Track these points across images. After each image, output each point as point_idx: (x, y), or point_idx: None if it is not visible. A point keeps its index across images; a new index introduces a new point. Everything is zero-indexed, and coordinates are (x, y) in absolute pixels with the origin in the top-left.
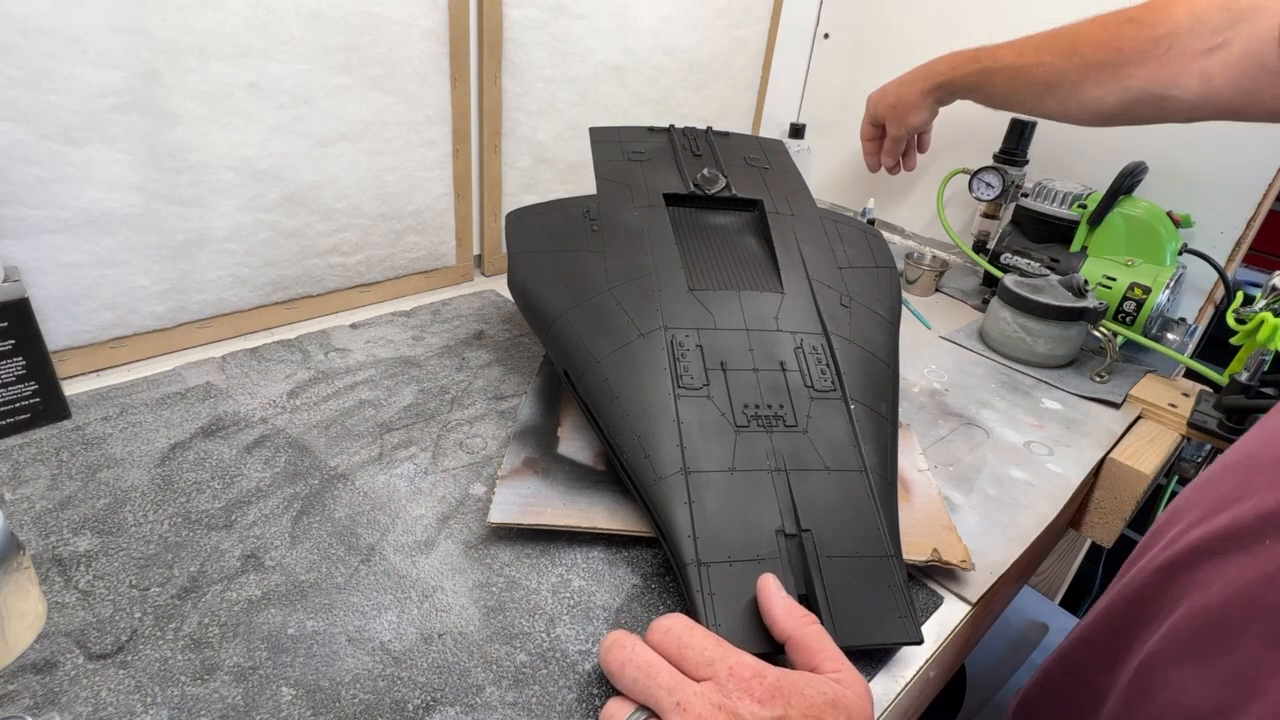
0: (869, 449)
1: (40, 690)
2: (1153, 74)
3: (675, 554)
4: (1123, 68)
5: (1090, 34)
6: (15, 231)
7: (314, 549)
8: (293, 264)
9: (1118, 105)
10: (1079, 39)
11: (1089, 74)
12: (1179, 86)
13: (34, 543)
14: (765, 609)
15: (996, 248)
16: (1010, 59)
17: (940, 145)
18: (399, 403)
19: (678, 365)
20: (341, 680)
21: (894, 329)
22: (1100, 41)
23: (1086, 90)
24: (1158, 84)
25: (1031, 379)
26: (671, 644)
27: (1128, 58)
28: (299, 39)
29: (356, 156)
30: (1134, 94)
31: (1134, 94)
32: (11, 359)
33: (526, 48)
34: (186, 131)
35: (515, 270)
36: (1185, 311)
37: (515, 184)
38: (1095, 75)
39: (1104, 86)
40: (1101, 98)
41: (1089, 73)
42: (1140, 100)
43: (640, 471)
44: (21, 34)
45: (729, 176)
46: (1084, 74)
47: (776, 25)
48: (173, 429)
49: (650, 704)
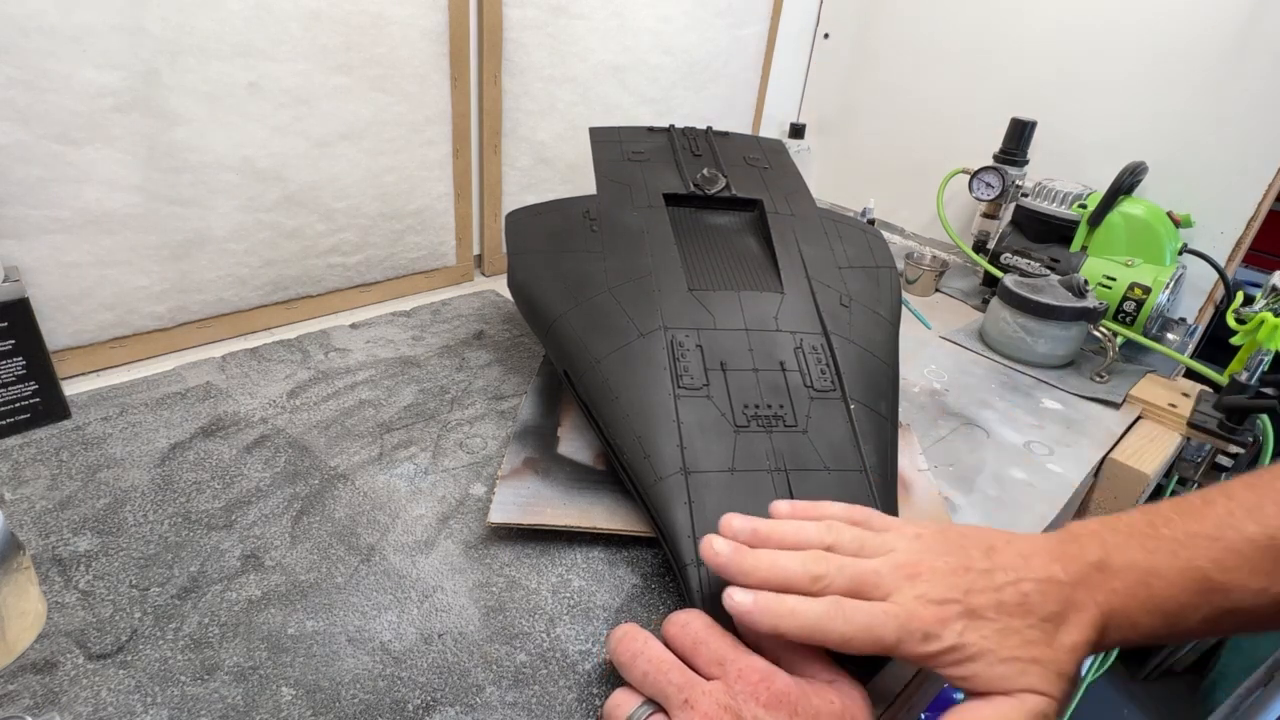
0: (869, 449)
1: (40, 690)
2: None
3: (675, 554)
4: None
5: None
6: (15, 231)
7: (314, 549)
8: (293, 264)
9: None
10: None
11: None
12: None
13: (34, 543)
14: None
15: (996, 248)
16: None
17: (940, 145)
18: (399, 403)
19: (678, 365)
20: (341, 680)
21: (894, 329)
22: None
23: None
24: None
25: (1031, 379)
26: (687, 639)
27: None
28: (299, 39)
29: (356, 156)
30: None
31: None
32: (11, 359)
33: (526, 48)
34: (186, 131)
35: (515, 270)
36: (1185, 311)
37: (515, 184)
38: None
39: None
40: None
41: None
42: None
43: (640, 472)
44: (21, 34)
45: (729, 176)
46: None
47: (776, 25)
48: (173, 429)
49: (658, 698)
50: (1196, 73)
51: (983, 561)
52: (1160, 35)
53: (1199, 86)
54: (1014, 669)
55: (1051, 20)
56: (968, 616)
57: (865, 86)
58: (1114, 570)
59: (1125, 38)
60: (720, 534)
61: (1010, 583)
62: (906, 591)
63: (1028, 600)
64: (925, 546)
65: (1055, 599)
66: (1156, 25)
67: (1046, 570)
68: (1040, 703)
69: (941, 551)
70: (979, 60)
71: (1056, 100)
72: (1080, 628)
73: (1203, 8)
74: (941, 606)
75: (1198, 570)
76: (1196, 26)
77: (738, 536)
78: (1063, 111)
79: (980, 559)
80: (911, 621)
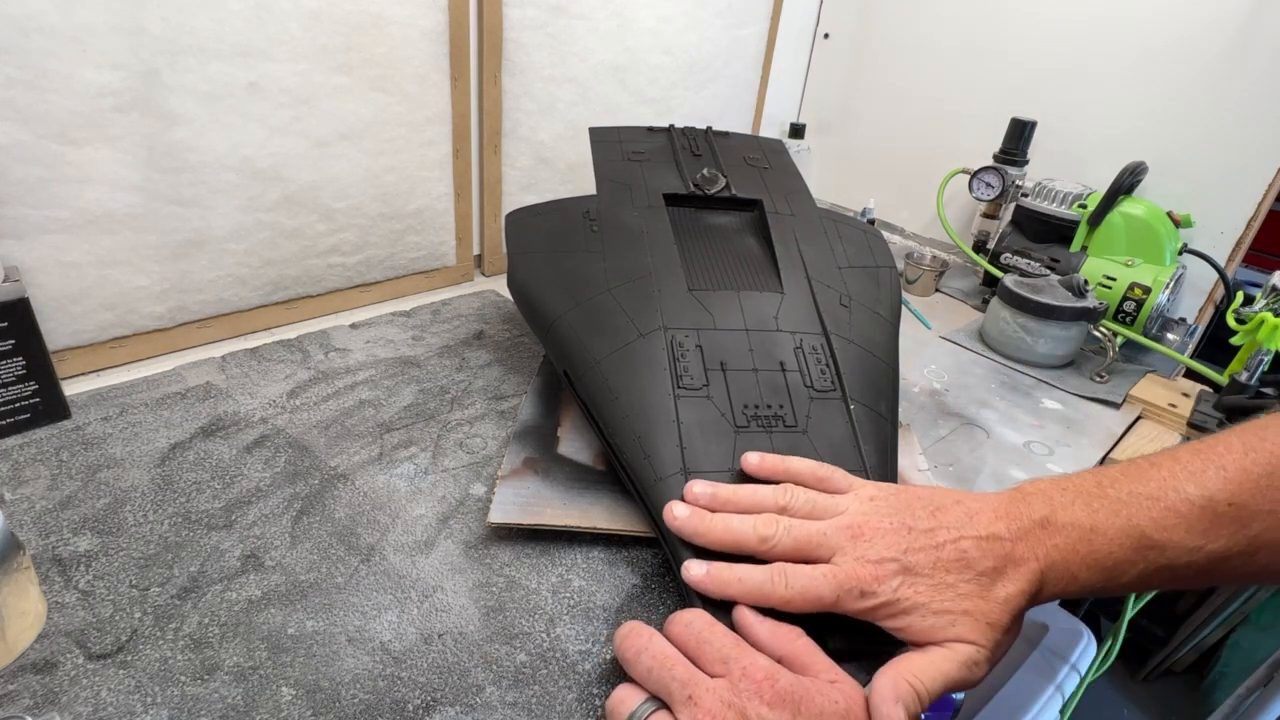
0: (869, 449)
1: (40, 690)
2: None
3: (675, 554)
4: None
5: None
6: (15, 231)
7: (314, 549)
8: (293, 264)
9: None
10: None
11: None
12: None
13: (34, 543)
14: (751, 639)
15: (996, 248)
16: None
17: (940, 145)
18: (399, 403)
19: (677, 365)
20: (341, 680)
21: (894, 329)
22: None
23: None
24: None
25: (1031, 379)
26: (691, 637)
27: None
28: (299, 39)
29: (356, 156)
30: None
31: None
32: (11, 359)
33: (526, 48)
34: (186, 131)
35: (515, 270)
36: (1185, 311)
37: (515, 184)
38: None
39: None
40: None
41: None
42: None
43: (640, 472)
44: (21, 34)
45: (729, 176)
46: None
47: (776, 25)
48: (173, 429)
49: (662, 694)
50: (1197, 72)
51: (927, 521)
52: (1160, 35)
53: (1199, 86)
54: (945, 620)
55: (1052, 20)
56: (904, 573)
57: (865, 86)
58: (1057, 527)
59: (1125, 37)
60: (683, 499)
61: (950, 540)
62: (849, 552)
63: (966, 556)
64: (874, 508)
65: (994, 555)
66: (1157, 25)
67: (989, 528)
68: (969, 651)
69: (888, 512)
70: (979, 60)
71: (1056, 100)
72: (1017, 580)
73: (1203, 7)
74: (879, 565)
75: (1137, 529)
76: (1197, 26)
77: (698, 501)
78: (1063, 111)
79: (925, 519)
80: (849, 581)
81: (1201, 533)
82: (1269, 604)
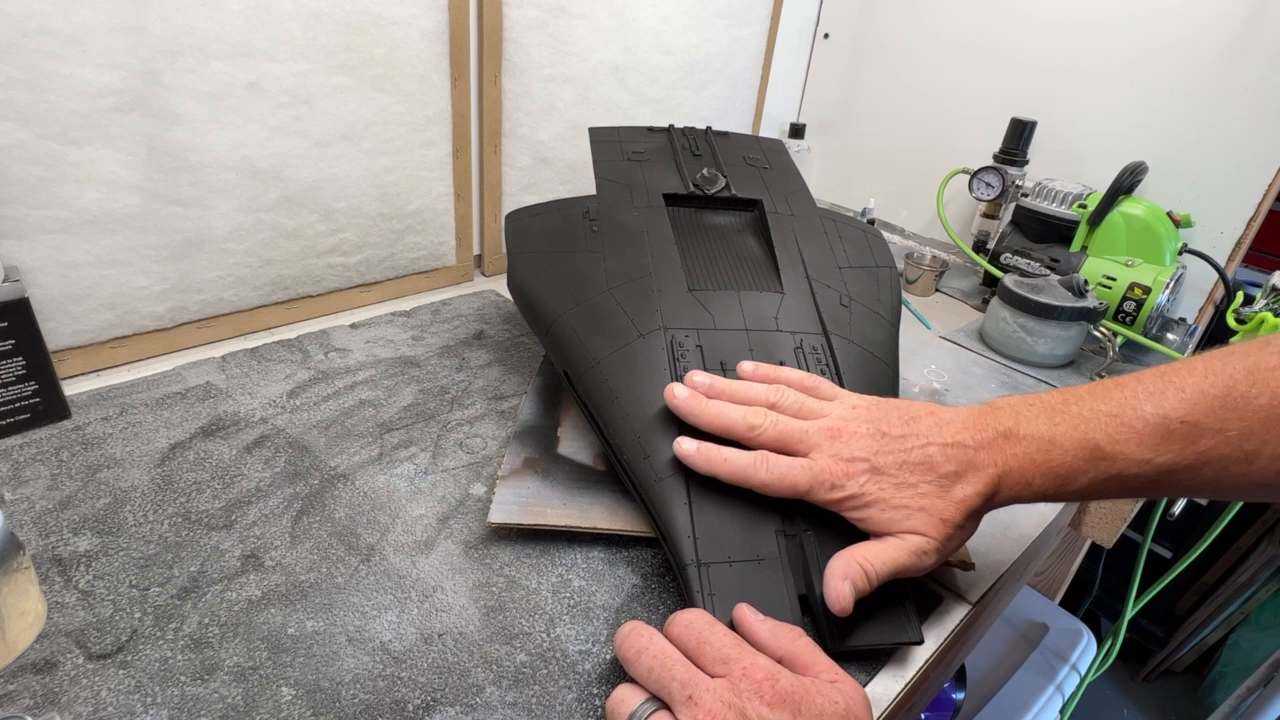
0: None
1: (40, 690)
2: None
3: (675, 554)
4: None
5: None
6: (15, 231)
7: (314, 549)
8: (293, 264)
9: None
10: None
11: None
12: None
13: (34, 543)
14: (751, 639)
15: (996, 248)
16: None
17: (940, 145)
18: (399, 403)
19: (678, 365)
20: (341, 680)
21: (894, 329)
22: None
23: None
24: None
25: (1031, 379)
26: (691, 638)
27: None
28: (299, 39)
29: (356, 156)
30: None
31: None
32: (11, 359)
33: (526, 48)
34: (186, 131)
35: (515, 270)
36: (1185, 311)
37: (515, 184)
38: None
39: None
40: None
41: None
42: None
43: (640, 472)
44: (21, 34)
45: (729, 176)
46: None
47: (776, 25)
48: (173, 429)
49: (662, 694)
50: (1197, 73)
51: (900, 429)
52: (1160, 35)
53: (1199, 86)
54: (902, 514)
55: (1052, 20)
56: (871, 472)
57: (865, 86)
58: (1019, 438)
59: (1125, 37)
60: (684, 383)
61: (918, 446)
62: (825, 449)
63: (930, 460)
64: (855, 414)
65: (957, 460)
66: (1157, 25)
67: (956, 436)
68: (920, 541)
69: (867, 419)
70: (979, 60)
71: (1056, 100)
72: (974, 484)
73: (1203, 7)
74: (850, 463)
75: (1091, 441)
76: (1196, 26)
77: (697, 388)
78: (1063, 111)
79: (899, 427)
80: (822, 474)
81: (1152, 447)
82: (1269, 604)
